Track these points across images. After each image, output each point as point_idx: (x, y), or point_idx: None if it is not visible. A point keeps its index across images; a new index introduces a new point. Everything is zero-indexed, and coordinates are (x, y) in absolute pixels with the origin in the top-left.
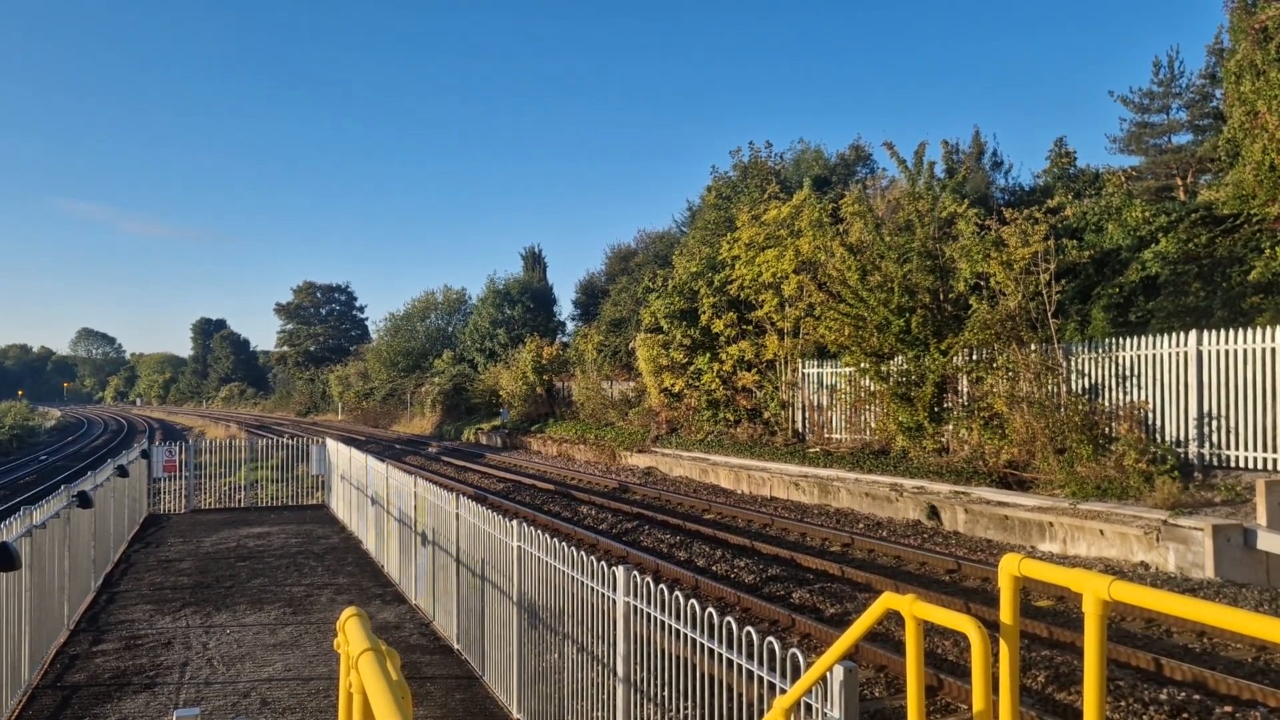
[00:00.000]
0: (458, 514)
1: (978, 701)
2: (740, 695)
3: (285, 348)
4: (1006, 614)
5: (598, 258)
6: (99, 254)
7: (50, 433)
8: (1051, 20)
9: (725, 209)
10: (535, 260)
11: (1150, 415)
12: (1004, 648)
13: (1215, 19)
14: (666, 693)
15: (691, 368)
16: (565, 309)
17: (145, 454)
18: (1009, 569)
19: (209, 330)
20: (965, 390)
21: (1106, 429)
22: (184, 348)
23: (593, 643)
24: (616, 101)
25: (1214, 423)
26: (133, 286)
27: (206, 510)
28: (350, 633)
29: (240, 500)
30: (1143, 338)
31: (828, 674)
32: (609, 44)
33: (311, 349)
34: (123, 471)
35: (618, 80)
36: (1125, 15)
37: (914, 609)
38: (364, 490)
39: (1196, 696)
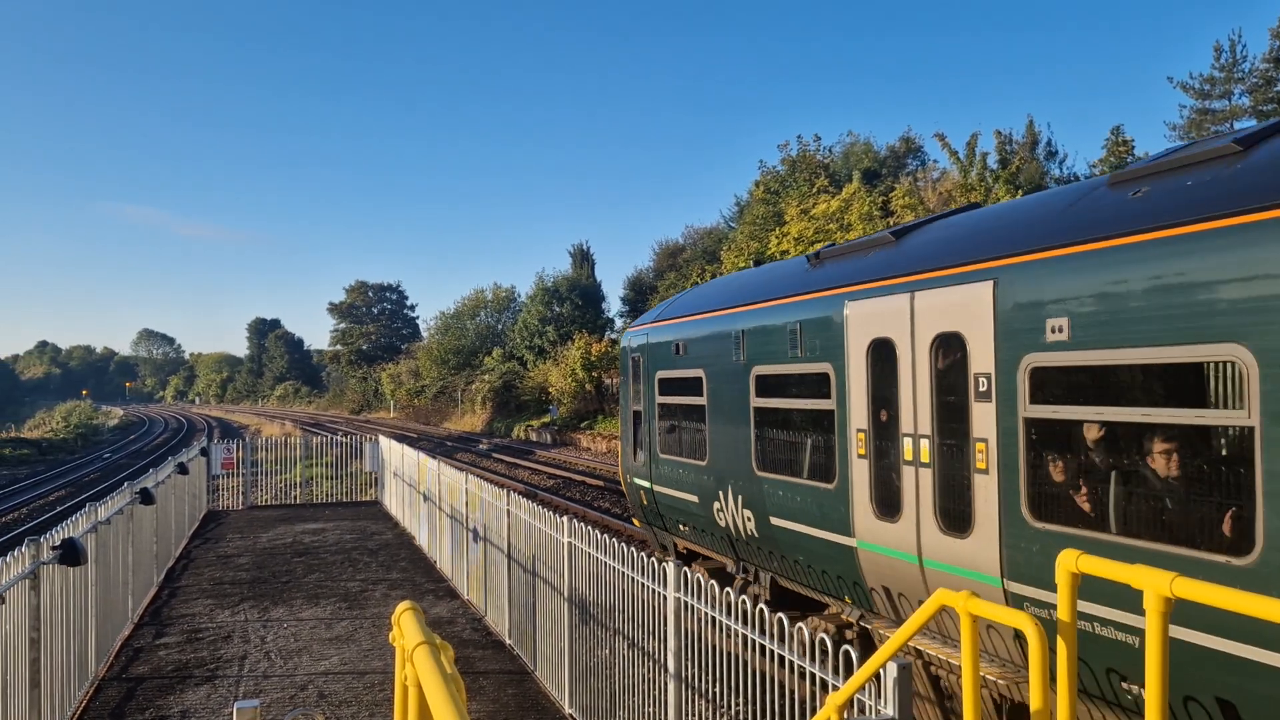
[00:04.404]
0: (509, 510)
1: (1035, 700)
2: (792, 692)
3: (338, 346)
4: (1064, 611)
5: (646, 254)
6: (157, 257)
7: (113, 431)
8: (1107, 6)
9: (773, 203)
10: (583, 257)
11: None
12: (1061, 645)
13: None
14: (718, 689)
15: None
16: (614, 306)
17: (204, 452)
18: (1067, 565)
19: (264, 330)
20: None
21: None
22: (240, 347)
23: (643, 638)
24: (664, 98)
25: None
26: (190, 288)
27: (263, 507)
28: (405, 626)
29: (296, 497)
30: None
31: (881, 671)
32: (656, 44)
33: (364, 347)
34: (183, 469)
35: (665, 78)
36: None
37: (969, 605)
38: (416, 487)
39: None
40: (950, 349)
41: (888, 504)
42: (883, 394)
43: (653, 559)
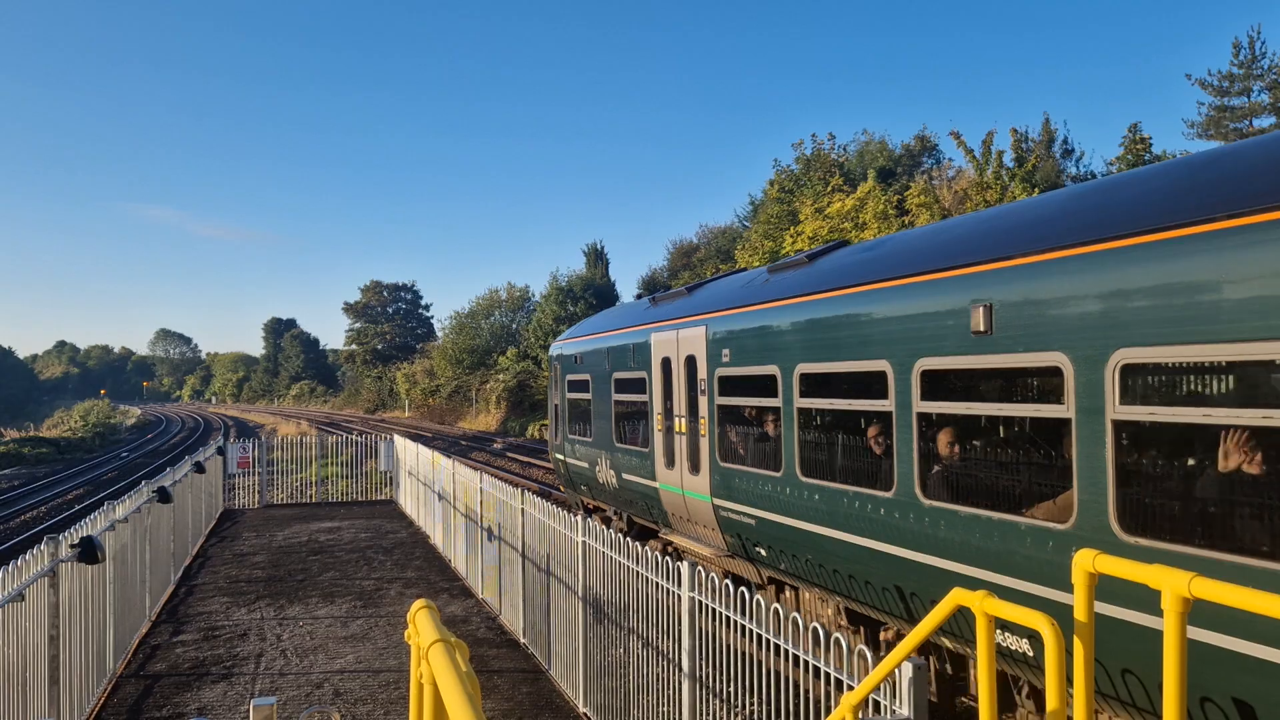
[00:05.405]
0: (523, 509)
1: (1051, 700)
2: (807, 691)
3: (353, 346)
4: (1081, 611)
5: (659, 253)
6: (174, 257)
7: (131, 430)
8: (1125, 3)
9: (788, 202)
10: (597, 256)
11: None
12: (1079, 646)
13: None
14: (732, 688)
15: None
16: None
17: (221, 451)
18: (1083, 565)
19: (280, 330)
20: None
21: None
22: (256, 347)
23: (658, 638)
24: (678, 98)
25: None
26: (207, 288)
27: (279, 505)
28: (421, 624)
29: (311, 496)
30: None
31: (896, 671)
32: (670, 43)
33: (379, 347)
34: (200, 468)
35: (679, 77)
36: None
37: (985, 605)
38: (431, 486)
39: None
40: (692, 364)
41: (670, 458)
42: (667, 391)
43: (666, 558)
